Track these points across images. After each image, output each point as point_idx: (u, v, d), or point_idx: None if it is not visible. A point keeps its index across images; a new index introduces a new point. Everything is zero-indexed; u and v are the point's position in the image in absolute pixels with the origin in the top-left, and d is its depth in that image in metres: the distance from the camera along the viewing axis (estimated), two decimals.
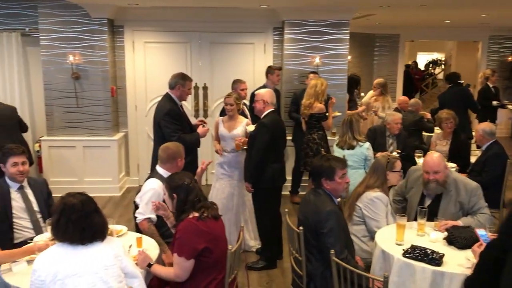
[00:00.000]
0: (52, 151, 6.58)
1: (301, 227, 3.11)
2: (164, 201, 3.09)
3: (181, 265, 2.72)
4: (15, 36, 6.60)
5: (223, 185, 4.82)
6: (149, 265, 2.83)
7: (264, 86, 5.78)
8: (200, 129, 4.61)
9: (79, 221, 2.37)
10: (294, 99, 6.28)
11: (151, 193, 3.40)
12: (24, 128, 5.69)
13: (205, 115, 7.00)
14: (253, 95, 5.28)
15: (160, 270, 2.83)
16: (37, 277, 2.30)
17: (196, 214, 2.79)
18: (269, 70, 6.24)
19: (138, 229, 3.45)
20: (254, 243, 4.89)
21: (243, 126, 4.74)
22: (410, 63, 15.52)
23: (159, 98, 4.78)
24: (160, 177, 3.50)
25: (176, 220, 2.90)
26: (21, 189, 3.45)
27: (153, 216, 3.37)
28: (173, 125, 4.39)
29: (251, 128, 4.53)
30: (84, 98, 6.55)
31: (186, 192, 2.86)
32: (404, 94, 9.10)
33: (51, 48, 6.42)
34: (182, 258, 2.71)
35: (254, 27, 6.87)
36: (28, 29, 6.63)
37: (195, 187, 2.93)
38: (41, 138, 6.64)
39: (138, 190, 3.71)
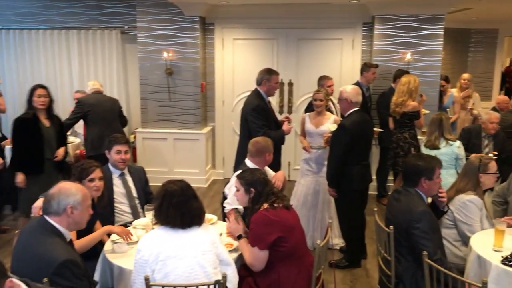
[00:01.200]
0: (146, 142, 6.98)
1: (391, 227, 3.04)
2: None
3: (255, 255, 2.79)
4: (115, 33, 7.07)
5: (308, 182, 4.83)
6: (239, 237, 2.95)
7: (357, 84, 5.64)
8: (285, 126, 4.64)
9: (179, 206, 2.51)
10: (382, 96, 6.10)
11: None
12: (124, 121, 6.06)
13: (290, 111, 7.04)
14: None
15: (244, 247, 2.90)
16: (141, 256, 2.47)
17: (267, 206, 2.85)
18: (364, 68, 6.08)
19: (225, 219, 3.56)
20: (338, 241, 4.85)
21: (331, 122, 4.70)
22: (509, 60, 14.43)
23: (246, 94, 4.90)
24: None
25: (251, 212, 2.98)
26: (122, 176, 3.71)
27: (240, 207, 3.47)
28: (259, 120, 4.46)
29: (333, 127, 4.47)
30: (176, 93, 6.86)
31: (262, 184, 2.96)
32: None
33: (147, 45, 6.80)
34: (255, 248, 2.78)
35: (342, 23, 6.78)
36: (127, 27, 7.07)
37: (268, 179, 3.07)
38: (136, 130, 7.06)
39: (225, 182, 3.83)
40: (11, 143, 4.63)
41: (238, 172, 3.61)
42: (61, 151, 4.61)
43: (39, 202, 3.08)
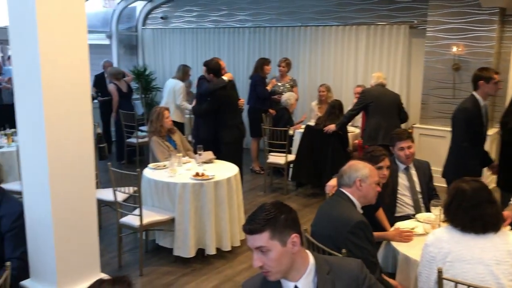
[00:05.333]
0: (422, 139, 6.85)
1: None
2: None
3: None
4: (404, 28, 7.12)
5: None
6: None
7: None
8: None
9: (469, 210, 2.38)
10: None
11: None
12: (404, 116, 6.07)
13: None
14: None
15: None
16: (428, 252, 2.46)
17: None
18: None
19: None
20: None
21: None
22: None
23: None
24: None
25: None
26: (407, 169, 3.76)
27: None
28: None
29: None
30: (462, 89, 6.49)
31: None
32: None
33: (436, 39, 6.61)
34: None
35: None
36: (416, 22, 7.02)
37: None
38: (413, 126, 7.00)
39: None
40: None
41: None
42: None
43: (332, 181, 3.44)
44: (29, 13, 2.17)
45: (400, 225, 3.19)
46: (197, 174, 4.43)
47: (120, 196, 4.40)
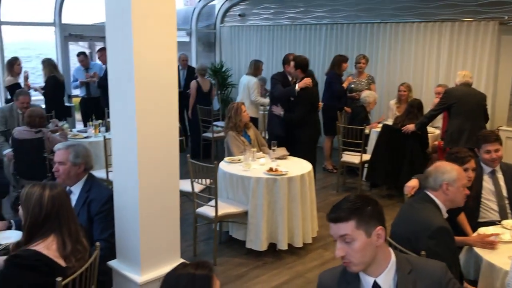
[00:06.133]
0: (509, 142, 6.44)
1: None
2: None
3: None
4: (492, 25, 6.71)
5: None
6: None
7: None
8: None
9: None
10: None
11: None
12: (486, 117, 5.76)
13: None
14: None
15: None
16: None
17: None
18: None
19: None
20: None
21: None
22: None
23: None
24: None
25: None
26: (492, 173, 3.55)
27: None
28: None
29: None
30: None
31: None
32: None
33: None
34: None
35: None
36: (507, 17, 6.59)
37: None
38: (499, 128, 6.61)
39: None
40: None
41: None
42: None
43: (412, 182, 3.34)
44: (125, 12, 2.31)
45: (484, 231, 3.03)
46: (270, 169, 4.47)
47: (197, 187, 4.55)
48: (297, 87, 5.55)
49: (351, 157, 6.33)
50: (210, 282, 1.68)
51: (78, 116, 8.26)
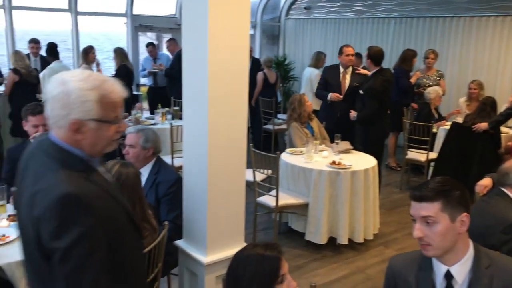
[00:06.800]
0: None
1: None
2: None
3: None
4: None
5: None
6: None
7: None
8: None
9: None
10: None
11: None
12: None
13: None
14: None
15: None
16: None
17: None
18: None
19: None
20: None
21: None
22: None
23: None
24: None
25: None
26: None
27: None
28: None
29: None
30: None
31: None
32: None
33: None
34: None
35: None
36: None
37: None
38: None
39: None
40: None
41: None
42: None
43: (484, 181, 3.18)
44: (201, 4, 2.37)
45: None
46: (333, 163, 4.42)
47: (259, 177, 4.58)
48: (329, 97, 5.61)
49: (417, 155, 6.13)
50: (279, 264, 1.69)
51: (145, 105, 8.57)
